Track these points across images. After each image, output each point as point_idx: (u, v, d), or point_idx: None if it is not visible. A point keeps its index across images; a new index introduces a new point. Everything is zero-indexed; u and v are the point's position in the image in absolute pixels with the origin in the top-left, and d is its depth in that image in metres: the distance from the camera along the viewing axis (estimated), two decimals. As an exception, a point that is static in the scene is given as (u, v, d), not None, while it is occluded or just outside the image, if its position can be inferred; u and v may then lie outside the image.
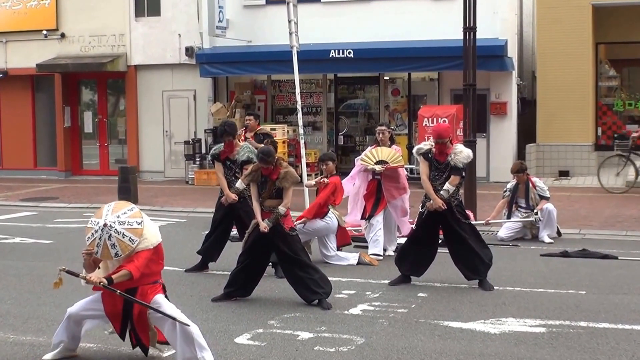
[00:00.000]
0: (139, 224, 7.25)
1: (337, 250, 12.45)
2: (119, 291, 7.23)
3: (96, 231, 7.15)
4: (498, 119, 23.35)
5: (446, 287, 10.75)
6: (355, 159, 13.50)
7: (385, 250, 12.86)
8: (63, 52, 27.10)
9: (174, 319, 7.27)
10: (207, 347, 7.31)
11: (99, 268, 7.51)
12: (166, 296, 7.61)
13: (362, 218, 13.22)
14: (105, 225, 7.11)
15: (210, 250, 11.89)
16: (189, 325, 7.25)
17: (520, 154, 23.57)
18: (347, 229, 12.79)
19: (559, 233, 14.56)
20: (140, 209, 7.58)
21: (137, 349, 7.89)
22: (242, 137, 12.34)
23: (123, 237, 7.12)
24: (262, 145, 12.31)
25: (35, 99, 28.33)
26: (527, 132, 24.17)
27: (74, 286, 10.53)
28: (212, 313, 9.43)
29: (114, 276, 7.20)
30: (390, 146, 13.07)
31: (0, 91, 28.35)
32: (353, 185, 13.28)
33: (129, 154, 26.77)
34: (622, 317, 9.04)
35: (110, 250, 7.13)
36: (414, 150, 11.04)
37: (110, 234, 7.10)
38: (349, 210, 13.51)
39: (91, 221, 7.26)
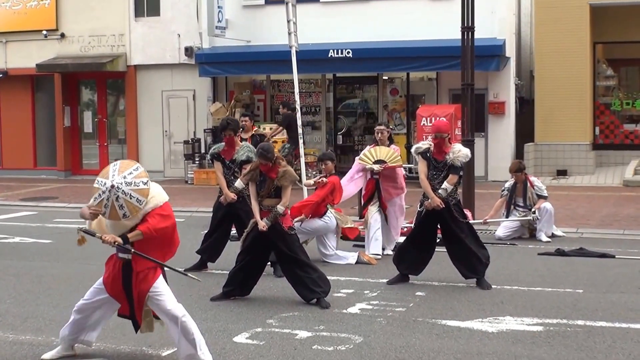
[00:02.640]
0: (145, 184, 7.17)
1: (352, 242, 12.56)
2: (133, 249, 7.22)
3: (103, 192, 7.06)
4: (496, 119, 23.39)
5: (444, 286, 10.79)
6: (357, 158, 13.54)
7: (383, 249, 12.89)
8: (63, 52, 27.15)
9: (185, 274, 7.48)
10: (206, 348, 7.36)
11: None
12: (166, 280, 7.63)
13: (360, 217, 13.27)
14: (112, 186, 7.02)
15: (210, 251, 11.91)
16: (199, 281, 7.32)
17: (519, 153, 23.62)
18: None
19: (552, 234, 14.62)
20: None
21: (136, 347, 7.98)
22: (239, 138, 12.42)
23: (130, 198, 7.05)
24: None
25: (35, 98, 28.40)
26: (525, 132, 24.21)
27: (73, 287, 10.65)
28: (210, 312, 9.46)
29: (129, 235, 7.19)
30: (388, 146, 13.12)
31: (0, 91, 28.40)
32: (354, 186, 13.29)
33: (129, 153, 26.77)
34: (619, 316, 9.08)
35: (118, 211, 7.07)
36: (413, 149, 11.09)
37: (118, 195, 7.02)
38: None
39: (97, 181, 7.17)
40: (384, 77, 24.92)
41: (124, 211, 7.08)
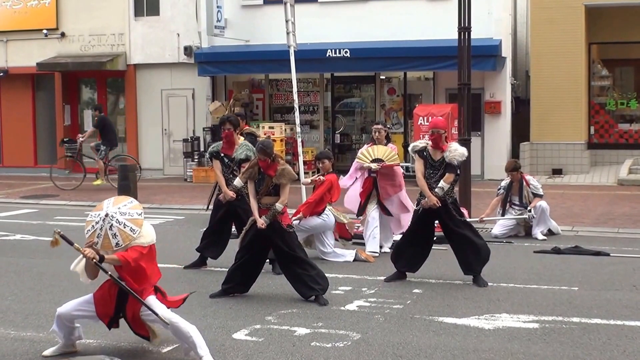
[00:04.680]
0: (139, 214, 7.30)
1: (337, 240, 12.63)
2: (109, 273, 7.26)
3: (97, 222, 7.18)
4: (492, 118, 23.50)
5: (441, 283, 10.86)
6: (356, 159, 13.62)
7: (381, 247, 12.95)
8: (63, 51, 27.22)
9: (157, 314, 7.30)
10: (204, 345, 7.43)
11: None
12: (163, 294, 7.70)
13: (357, 215, 13.38)
14: (106, 215, 7.14)
15: (212, 248, 11.94)
16: (176, 323, 7.33)
17: (514, 152, 23.74)
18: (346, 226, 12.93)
19: (549, 231, 14.71)
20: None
21: (136, 344, 8.05)
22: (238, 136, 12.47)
23: (124, 227, 7.14)
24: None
25: (36, 97, 28.47)
26: (521, 131, 24.32)
27: (74, 284, 10.65)
28: (210, 309, 9.50)
29: (106, 257, 7.19)
30: (386, 144, 13.21)
31: (1, 90, 28.48)
32: (353, 183, 13.38)
33: (129, 152, 26.80)
34: (614, 313, 9.14)
35: (111, 240, 7.14)
36: (410, 148, 11.18)
37: (112, 224, 7.12)
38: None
39: (91, 215, 7.30)
40: (382, 77, 25.01)
41: (117, 240, 7.15)
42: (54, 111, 27.66)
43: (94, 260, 7.16)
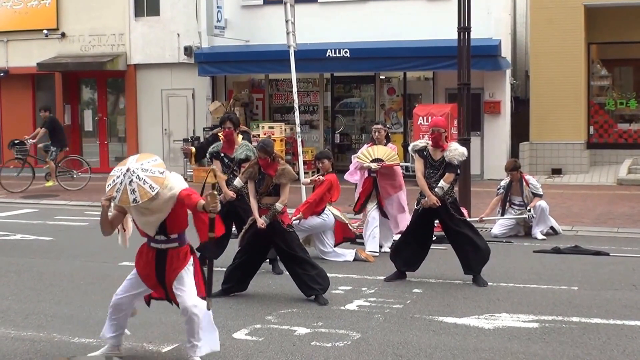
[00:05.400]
0: (161, 173, 7.12)
1: (340, 243, 12.64)
2: (213, 235, 7.27)
3: (118, 177, 7.05)
4: (492, 118, 23.52)
5: (441, 283, 10.87)
6: (352, 157, 13.64)
7: (381, 246, 12.96)
8: (63, 51, 27.25)
9: (206, 284, 7.37)
10: (203, 343, 7.39)
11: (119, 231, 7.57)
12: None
13: (354, 210, 13.42)
14: (128, 169, 7.01)
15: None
16: (200, 314, 7.30)
17: (514, 152, 23.77)
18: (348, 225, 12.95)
19: (553, 229, 14.73)
20: None
21: (137, 343, 8.05)
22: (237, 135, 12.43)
23: (144, 184, 6.98)
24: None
25: (36, 97, 28.48)
26: (520, 131, 24.35)
27: (75, 283, 10.73)
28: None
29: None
30: (386, 144, 13.23)
31: (1, 90, 28.51)
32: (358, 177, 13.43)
33: (129, 151, 26.82)
34: (614, 313, 9.14)
35: (129, 196, 6.98)
36: (410, 148, 11.20)
37: (132, 179, 6.98)
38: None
39: (114, 169, 7.18)
40: (381, 77, 25.04)
41: (134, 196, 6.98)
42: (54, 111, 27.55)
43: (213, 211, 7.12)
